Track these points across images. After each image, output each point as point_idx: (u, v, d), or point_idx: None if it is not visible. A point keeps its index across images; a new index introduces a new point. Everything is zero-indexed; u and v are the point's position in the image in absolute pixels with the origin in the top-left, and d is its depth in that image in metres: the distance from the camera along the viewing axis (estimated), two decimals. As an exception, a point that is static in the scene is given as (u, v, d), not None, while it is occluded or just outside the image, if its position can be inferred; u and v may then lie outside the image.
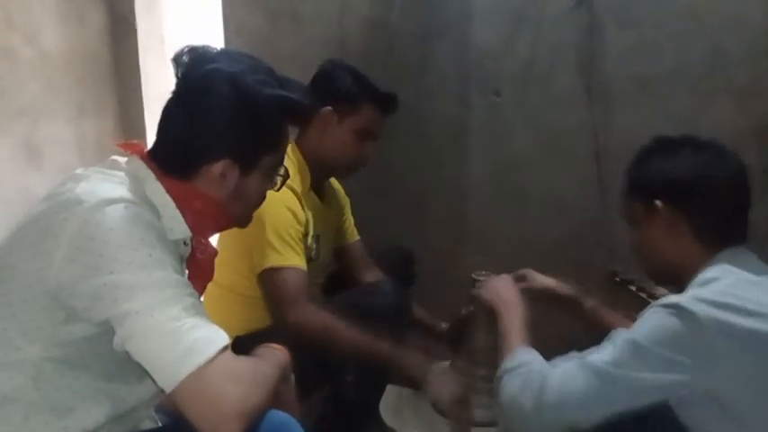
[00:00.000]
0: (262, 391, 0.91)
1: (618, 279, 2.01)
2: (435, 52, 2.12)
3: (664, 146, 1.20)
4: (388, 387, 1.85)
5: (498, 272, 1.56)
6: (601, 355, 1.05)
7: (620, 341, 1.04)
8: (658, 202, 1.15)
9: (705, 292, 1.04)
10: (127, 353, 0.89)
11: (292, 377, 1.10)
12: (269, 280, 1.51)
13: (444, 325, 1.86)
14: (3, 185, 2.06)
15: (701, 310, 0.99)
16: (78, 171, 1.00)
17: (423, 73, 2.13)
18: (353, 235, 1.90)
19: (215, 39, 2.31)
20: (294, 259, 1.52)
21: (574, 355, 1.12)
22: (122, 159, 1.04)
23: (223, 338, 0.89)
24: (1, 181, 2.06)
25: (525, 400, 1.09)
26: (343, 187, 1.89)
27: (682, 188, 1.15)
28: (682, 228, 1.14)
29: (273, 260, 1.50)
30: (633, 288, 1.94)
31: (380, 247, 1.94)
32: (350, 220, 1.90)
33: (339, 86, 1.61)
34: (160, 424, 1.10)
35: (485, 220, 2.20)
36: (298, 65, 1.73)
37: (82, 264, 0.86)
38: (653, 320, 1.03)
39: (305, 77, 1.56)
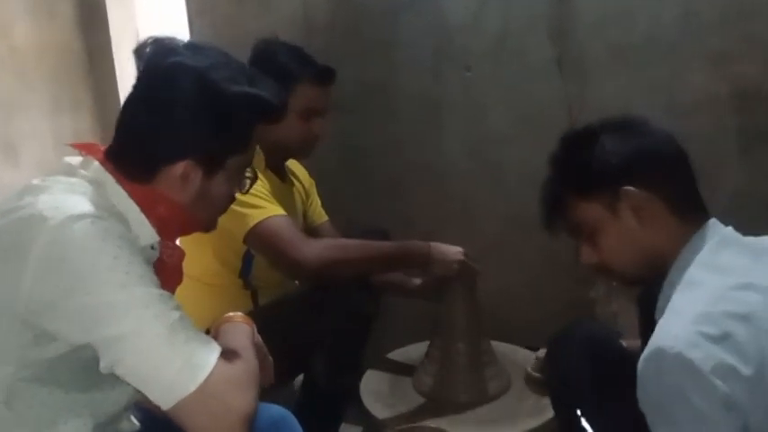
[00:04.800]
0: (257, 386, 0.90)
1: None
2: (405, 27, 2.08)
3: (592, 134, 1.11)
4: (369, 371, 1.83)
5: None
6: None
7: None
8: (628, 187, 1.05)
9: (694, 317, 0.91)
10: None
11: (258, 338, 1.07)
12: (259, 236, 1.49)
13: (417, 280, 1.84)
14: (-22, 181, 2.05)
15: (699, 356, 0.86)
16: (35, 181, 0.94)
17: (392, 48, 2.10)
18: (321, 216, 1.89)
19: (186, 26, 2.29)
20: (275, 210, 1.51)
21: None
22: (77, 161, 1.00)
23: (216, 348, 0.87)
24: (-24, 177, 2.05)
25: None
26: (307, 169, 1.87)
27: (648, 162, 1.07)
28: (656, 207, 1.05)
29: (255, 216, 1.49)
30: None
31: (354, 230, 1.92)
32: (316, 202, 1.88)
33: (274, 67, 1.54)
34: (137, 422, 1.08)
35: (466, 198, 2.18)
36: (263, 43, 1.70)
37: (54, 285, 0.83)
38: (652, 387, 0.91)
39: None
